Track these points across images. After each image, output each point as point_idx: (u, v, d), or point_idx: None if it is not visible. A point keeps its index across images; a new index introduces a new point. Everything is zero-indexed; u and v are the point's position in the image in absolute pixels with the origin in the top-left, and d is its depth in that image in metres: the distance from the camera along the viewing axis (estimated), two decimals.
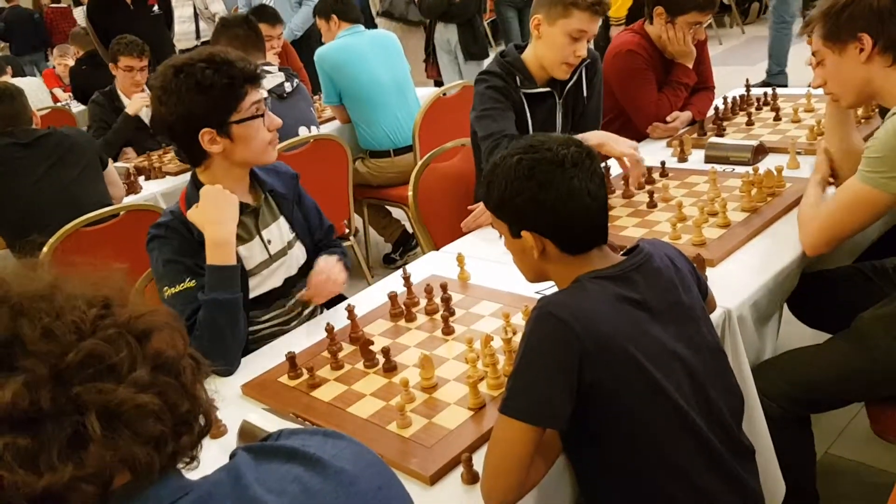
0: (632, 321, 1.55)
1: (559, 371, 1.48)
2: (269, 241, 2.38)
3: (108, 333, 0.88)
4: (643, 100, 3.52)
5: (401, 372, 1.99)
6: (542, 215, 1.60)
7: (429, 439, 1.71)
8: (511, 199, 1.61)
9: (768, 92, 3.63)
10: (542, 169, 1.58)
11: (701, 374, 1.62)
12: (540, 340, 1.50)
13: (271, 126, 2.25)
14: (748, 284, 2.13)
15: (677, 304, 1.64)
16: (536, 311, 1.53)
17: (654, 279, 1.62)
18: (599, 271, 1.60)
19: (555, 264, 1.65)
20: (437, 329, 2.18)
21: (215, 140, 2.18)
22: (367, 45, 4.74)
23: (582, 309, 1.51)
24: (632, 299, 1.57)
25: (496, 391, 1.83)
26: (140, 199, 4.09)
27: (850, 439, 2.83)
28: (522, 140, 1.67)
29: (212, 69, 2.13)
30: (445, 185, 3.37)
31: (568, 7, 2.81)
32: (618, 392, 1.51)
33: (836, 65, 2.22)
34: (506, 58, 3.02)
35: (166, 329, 0.94)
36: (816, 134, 3.02)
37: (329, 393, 1.96)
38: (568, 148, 1.60)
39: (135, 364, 0.88)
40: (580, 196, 1.58)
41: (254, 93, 2.20)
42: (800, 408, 2.19)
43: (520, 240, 1.64)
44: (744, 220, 2.46)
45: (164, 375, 0.90)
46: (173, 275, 2.20)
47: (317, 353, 2.16)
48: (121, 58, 4.94)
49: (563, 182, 1.57)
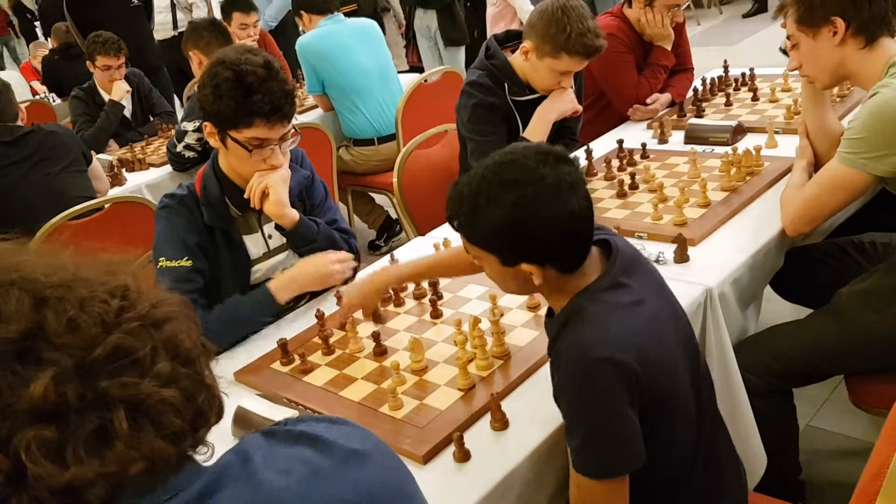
0: (646, 324, 1.52)
1: (627, 408, 1.45)
2: (269, 236, 2.42)
3: (131, 326, 0.87)
4: (623, 83, 3.55)
5: (391, 356, 2.03)
6: (545, 247, 1.50)
7: (421, 420, 1.75)
8: (510, 237, 1.50)
9: (746, 72, 3.67)
10: (542, 203, 1.46)
11: (691, 348, 1.65)
12: (598, 389, 1.44)
13: (268, 164, 2.25)
14: (729, 262, 2.17)
15: (661, 287, 1.67)
16: (575, 362, 1.46)
17: (638, 273, 1.60)
18: (594, 288, 1.54)
19: (550, 284, 1.56)
20: (425, 313, 2.21)
21: (214, 136, 2.24)
22: (348, 34, 4.75)
23: (614, 336, 1.46)
24: (634, 302, 1.53)
25: (485, 372, 1.87)
26: (125, 192, 4.10)
27: (831, 411, 2.89)
28: (504, 168, 1.52)
29: (233, 84, 2.13)
30: (429, 171, 3.40)
31: (559, 51, 2.74)
32: (661, 399, 1.51)
33: (810, 48, 2.26)
34: (493, 61, 2.96)
35: (182, 318, 0.94)
36: (793, 113, 3.06)
37: (321, 378, 2.00)
38: (556, 168, 1.48)
39: (157, 357, 0.87)
40: (580, 218, 1.50)
41: (262, 128, 2.17)
42: (782, 381, 2.23)
43: (513, 269, 1.54)
44: (724, 200, 2.51)
45: (183, 366, 0.90)
46: (174, 249, 2.25)
47: (308, 339, 2.20)
48: (98, 57, 4.93)
49: (564, 211, 1.47)
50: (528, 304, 2.12)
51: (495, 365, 1.90)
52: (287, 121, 2.22)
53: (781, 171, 2.61)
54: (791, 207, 2.27)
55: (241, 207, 2.35)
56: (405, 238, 3.86)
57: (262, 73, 2.14)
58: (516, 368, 1.88)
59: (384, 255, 2.56)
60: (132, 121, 5.09)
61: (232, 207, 2.34)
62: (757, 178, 2.62)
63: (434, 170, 3.40)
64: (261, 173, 2.26)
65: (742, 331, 2.29)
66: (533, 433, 1.67)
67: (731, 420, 2.01)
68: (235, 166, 2.29)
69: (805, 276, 2.54)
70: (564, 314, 1.56)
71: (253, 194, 2.27)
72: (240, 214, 2.36)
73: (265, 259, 2.42)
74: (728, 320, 2.11)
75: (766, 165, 2.69)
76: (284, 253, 2.45)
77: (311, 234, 2.37)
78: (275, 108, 2.16)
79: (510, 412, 1.72)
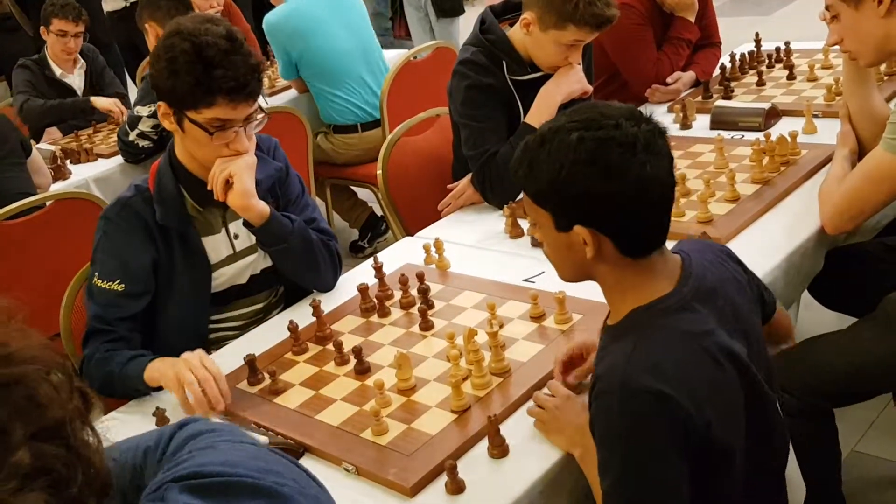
0: (708, 360, 1.50)
1: (671, 450, 1.44)
2: (235, 236, 2.42)
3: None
4: (640, 60, 3.56)
5: (375, 373, 2.03)
6: (606, 210, 1.48)
7: (408, 446, 1.76)
8: (566, 186, 1.48)
9: (780, 47, 3.68)
10: (610, 152, 1.45)
11: (763, 397, 1.63)
12: (639, 423, 1.43)
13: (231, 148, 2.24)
14: (761, 265, 2.17)
15: (744, 325, 1.62)
16: (615, 388, 1.44)
17: (716, 303, 1.57)
18: (660, 305, 1.52)
19: (608, 267, 1.55)
20: (413, 324, 2.22)
21: (169, 117, 2.24)
22: (324, 9, 4.71)
23: (666, 367, 1.44)
24: (703, 333, 1.51)
25: (482, 391, 1.88)
26: (69, 186, 4.11)
27: (880, 434, 2.90)
28: (581, 109, 1.55)
29: (191, 57, 2.13)
30: (419, 161, 3.40)
31: (565, 21, 2.71)
32: (712, 451, 1.49)
33: (852, 20, 2.27)
34: (488, 35, 2.95)
35: (49, 366, 0.79)
36: (835, 94, 3.07)
37: (295, 399, 2.01)
38: (638, 125, 1.49)
39: (10, 441, 0.72)
40: (653, 187, 1.48)
41: (224, 108, 2.16)
42: (822, 401, 2.24)
43: (567, 234, 1.53)
44: (755, 194, 2.52)
45: (50, 445, 0.75)
46: (108, 269, 2.27)
47: (279, 354, 2.20)
48: (54, 20, 4.96)
49: (635, 169, 1.45)
50: (531, 314, 2.13)
51: (493, 383, 1.90)
52: (253, 99, 2.22)
53: (820, 161, 2.63)
54: (831, 202, 2.28)
55: (201, 202, 2.35)
56: (391, 238, 3.87)
57: (225, 44, 2.14)
58: (517, 387, 1.88)
59: (367, 258, 2.57)
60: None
61: (190, 202, 2.34)
62: (793, 169, 2.63)
63: (424, 160, 3.41)
64: (223, 160, 2.25)
65: None
66: (536, 462, 1.68)
67: None
68: (194, 152, 2.29)
69: (848, 281, 2.55)
70: (621, 327, 1.55)
71: (215, 183, 2.26)
72: (200, 211, 2.36)
73: (230, 262, 2.42)
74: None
75: (803, 154, 2.70)
76: (253, 255, 2.45)
77: (284, 232, 2.37)
78: (239, 85, 2.15)
79: (510, 438, 1.73)
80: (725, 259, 1.73)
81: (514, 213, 2.62)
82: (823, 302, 2.68)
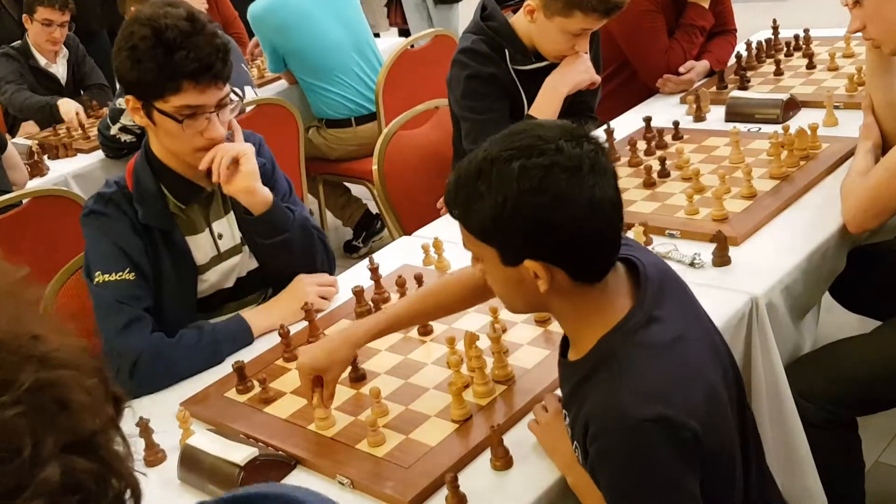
0: (692, 368, 1.51)
1: (688, 479, 1.44)
2: (219, 236, 2.42)
3: (4, 417, 0.68)
4: (651, 48, 3.56)
5: (371, 381, 2.04)
6: (557, 239, 1.45)
7: (406, 458, 1.76)
8: (512, 220, 1.45)
9: (799, 34, 3.68)
10: (557, 179, 1.42)
11: (735, 383, 1.65)
12: (652, 460, 1.42)
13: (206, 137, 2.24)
14: (779, 266, 2.18)
15: (693, 305, 1.66)
16: (617, 428, 1.42)
17: (668, 293, 1.57)
18: (626, 327, 1.50)
19: (562, 298, 1.53)
20: (412, 329, 2.21)
21: (138, 111, 2.24)
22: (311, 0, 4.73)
23: (658, 389, 1.43)
24: (675, 340, 1.51)
25: (484, 399, 1.88)
26: (47, 183, 4.10)
27: None
28: (514, 135, 1.51)
29: (151, 42, 2.13)
30: (416, 156, 3.41)
31: (571, 7, 2.71)
32: (709, 460, 1.50)
33: (876, 5, 2.27)
34: (490, 23, 2.95)
35: (84, 371, 0.76)
36: (857, 84, 3.07)
37: (286, 408, 2.01)
38: (580, 144, 1.45)
39: (40, 454, 0.69)
40: (604, 208, 1.45)
41: (191, 93, 2.16)
42: (845, 409, 2.24)
43: (516, 268, 1.50)
44: (772, 190, 2.52)
45: (82, 459, 0.72)
46: (110, 260, 2.25)
47: (270, 361, 2.20)
48: (39, 8, 4.97)
49: (585, 193, 1.42)
50: (535, 318, 2.13)
51: (496, 391, 1.90)
52: (221, 82, 2.22)
53: (842, 155, 2.63)
54: (854, 198, 2.28)
55: (184, 199, 2.35)
56: (388, 237, 3.87)
57: (185, 26, 2.15)
58: (522, 395, 1.89)
59: (362, 259, 2.57)
60: (63, 96, 5.10)
61: (172, 200, 2.34)
62: (813, 164, 2.63)
63: (422, 155, 3.42)
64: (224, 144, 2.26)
65: (795, 348, 2.30)
66: (541, 473, 1.68)
67: (784, 456, 2.02)
68: (169, 146, 2.28)
69: (871, 282, 2.55)
70: (591, 361, 1.52)
71: (219, 164, 2.24)
72: (182, 209, 2.36)
73: (215, 264, 2.42)
74: (778, 336, 2.12)
75: (823, 147, 2.70)
76: (238, 256, 2.45)
77: (286, 221, 2.37)
78: (203, 67, 2.15)
79: (514, 449, 1.73)
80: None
81: None
82: (845, 304, 2.68)
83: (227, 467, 1.76)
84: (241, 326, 2.32)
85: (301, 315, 2.28)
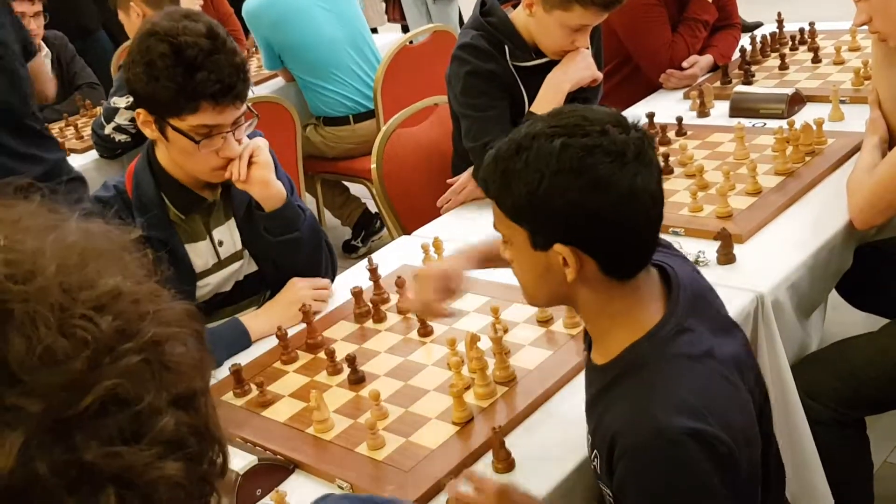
0: (721, 382, 1.48)
1: (726, 494, 1.41)
2: (220, 243, 2.43)
3: (131, 363, 0.73)
4: (654, 42, 3.56)
5: (370, 383, 2.04)
6: (591, 226, 1.43)
7: (406, 462, 1.77)
8: (546, 200, 1.43)
9: (805, 28, 3.69)
10: (597, 161, 1.40)
11: (761, 397, 1.63)
12: (691, 476, 1.39)
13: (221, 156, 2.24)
14: (785, 264, 2.19)
15: (727, 322, 1.63)
16: (651, 443, 1.39)
17: (702, 307, 1.56)
18: (659, 335, 1.48)
19: (590, 291, 1.50)
20: (411, 330, 2.23)
21: (150, 125, 2.23)
22: None
23: (692, 402, 1.40)
24: (704, 354, 1.48)
25: (485, 401, 1.88)
26: None
27: None
28: (562, 113, 1.50)
29: (170, 60, 2.11)
30: (416, 154, 3.41)
31: (570, 1, 2.68)
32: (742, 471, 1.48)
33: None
34: (489, 18, 2.94)
35: (190, 338, 0.80)
36: (863, 78, 3.08)
37: (284, 412, 2.02)
38: (627, 132, 1.44)
39: (159, 406, 0.74)
40: (643, 200, 1.43)
41: (209, 113, 2.16)
42: (851, 409, 2.25)
43: (545, 253, 1.47)
44: (778, 186, 2.53)
45: (186, 413, 0.77)
46: None
47: (267, 364, 2.21)
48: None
49: (625, 181, 1.40)
50: (537, 318, 2.14)
51: (498, 393, 1.91)
52: (240, 101, 2.21)
53: (848, 150, 2.64)
54: (860, 194, 2.28)
55: (185, 209, 2.36)
56: (387, 237, 3.87)
57: (206, 44, 2.13)
58: (524, 397, 1.89)
59: (361, 259, 2.58)
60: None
61: (173, 210, 2.35)
62: (819, 159, 2.64)
63: (422, 153, 3.42)
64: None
65: (802, 347, 2.31)
66: (544, 476, 1.69)
67: (790, 456, 2.02)
68: (181, 163, 2.29)
69: (879, 279, 2.55)
70: (618, 368, 1.50)
71: (238, 164, 2.25)
72: (182, 219, 2.37)
73: (215, 271, 2.44)
74: (784, 334, 2.14)
75: (829, 143, 2.71)
76: (238, 262, 2.47)
77: (297, 220, 2.39)
78: (224, 88, 2.14)
79: (516, 451, 1.73)
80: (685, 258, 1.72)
81: None
82: (852, 302, 2.69)
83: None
84: (239, 330, 2.33)
85: (298, 317, 2.29)
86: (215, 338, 2.28)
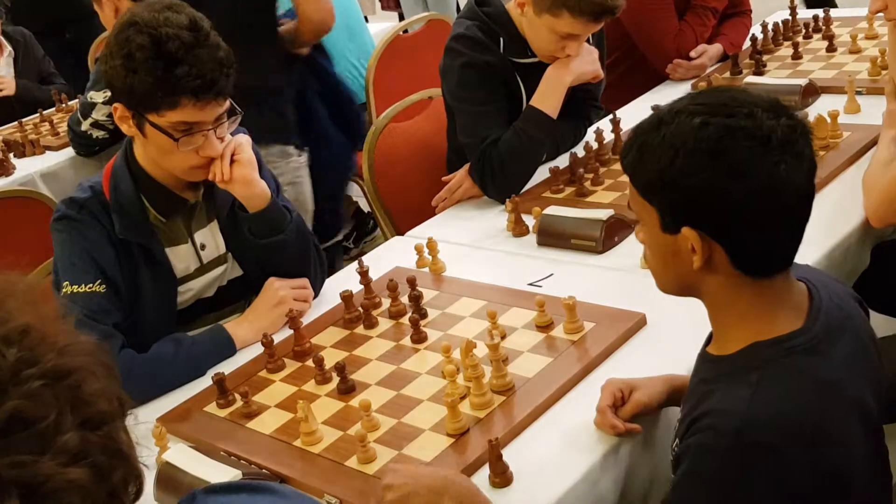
0: (835, 415, 1.45)
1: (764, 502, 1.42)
2: (202, 246, 2.42)
3: (33, 387, 0.86)
4: (660, 31, 3.56)
5: (360, 393, 2.03)
6: (722, 212, 1.42)
7: None
8: (678, 178, 1.42)
9: (819, 15, 3.68)
10: (737, 144, 1.39)
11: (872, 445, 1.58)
12: (748, 482, 1.39)
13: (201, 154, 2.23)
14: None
15: (865, 361, 1.57)
16: (728, 435, 1.40)
17: (842, 341, 1.51)
18: (788, 343, 1.46)
19: (718, 282, 1.49)
20: (404, 336, 2.22)
21: (127, 120, 2.22)
22: None
23: (791, 420, 1.40)
24: (830, 383, 1.45)
25: (482, 411, 1.88)
26: (13, 183, 4.10)
27: None
28: (711, 92, 1.50)
29: (150, 53, 2.10)
30: (409, 149, 3.41)
31: (559, 6, 2.68)
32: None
33: None
34: (485, 8, 2.95)
35: (96, 367, 0.94)
36: (880, 67, 3.07)
37: (270, 423, 2.01)
38: (777, 118, 1.41)
39: (62, 424, 0.87)
40: (784, 191, 1.41)
41: (190, 109, 2.15)
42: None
43: (674, 237, 1.47)
44: None
45: (95, 434, 0.90)
46: (81, 269, 2.24)
47: (252, 372, 2.21)
48: None
49: (765, 169, 1.38)
50: (536, 323, 2.13)
51: (495, 403, 1.90)
52: (222, 97, 2.20)
53: (865, 144, 2.63)
54: (877, 190, 2.28)
55: (165, 211, 2.35)
56: (380, 238, 3.87)
57: (188, 37, 2.12)
58: (522, 407, 1.88)
59: (352, 261, 2.57)
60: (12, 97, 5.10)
61: (152, 212, 2.34)
62: (833, 153, 2.63)
63: (416, 148, 3.42)
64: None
65: None
66: (543, 490, 1.68)
67: None
68: (159, 161, 2.28)
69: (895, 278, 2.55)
70: (733, 363, 1.49)
71: (220, 164, 2.24)
72: (163, 221, 2.36)
73: (197, 276, 2.43)
74: None
75: (844, 136, 2.71)
76: (222, 267, 2.46)
77: (283, 220, 2.38)
78: (206, 84, 2.13)
79: (514, 464, 1.72)
80: (850, 297, 1.68)
81: (517, 208, 2.61)
82: (869, 303, 2.66)
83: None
84: (223, 338, 2.32)
85: (283, 321, 2.29)
86: (198, 346, 2.28)
